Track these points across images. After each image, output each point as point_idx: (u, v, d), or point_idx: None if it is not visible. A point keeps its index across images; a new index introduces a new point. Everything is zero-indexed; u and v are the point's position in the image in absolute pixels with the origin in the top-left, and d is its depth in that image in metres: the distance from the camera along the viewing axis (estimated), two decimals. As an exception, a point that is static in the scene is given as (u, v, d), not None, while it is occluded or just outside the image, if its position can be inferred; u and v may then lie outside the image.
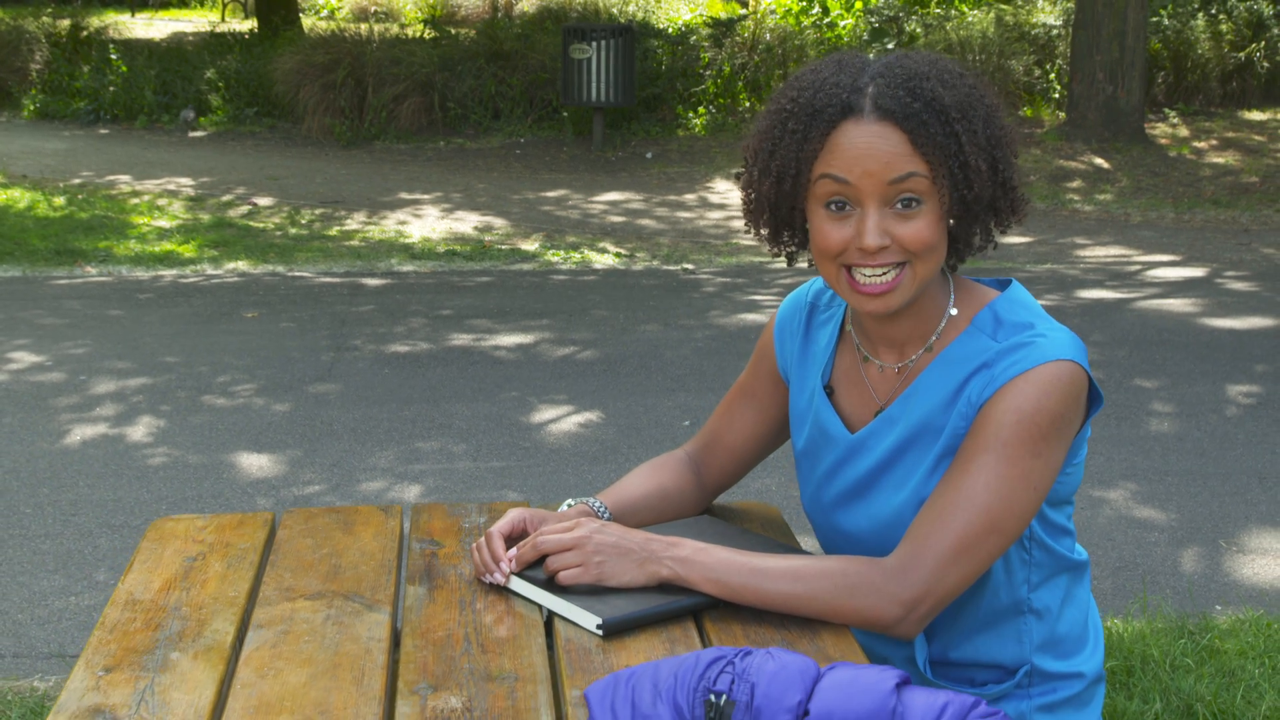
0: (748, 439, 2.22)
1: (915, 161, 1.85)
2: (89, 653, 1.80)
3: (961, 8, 16.05)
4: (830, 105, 1.87)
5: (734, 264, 9.05)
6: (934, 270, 1.91)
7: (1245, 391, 6.23)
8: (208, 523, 2.23)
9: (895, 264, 1.88)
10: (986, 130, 1.89)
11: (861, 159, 1.85)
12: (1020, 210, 1.96)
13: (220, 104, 14.48)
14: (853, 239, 1.87)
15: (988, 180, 1.89)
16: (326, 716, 1.65)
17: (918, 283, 1.90)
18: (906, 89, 1.86)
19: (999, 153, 1.90)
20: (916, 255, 1.88)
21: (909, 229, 1.86)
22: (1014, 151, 1.93)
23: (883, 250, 1.87)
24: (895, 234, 1.86)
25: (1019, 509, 1.86)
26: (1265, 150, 12.79)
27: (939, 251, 1.90)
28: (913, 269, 1.89)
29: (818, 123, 1.88)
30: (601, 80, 12.79)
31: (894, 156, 1.84)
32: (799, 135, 1.89)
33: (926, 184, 1.85)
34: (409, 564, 2.09)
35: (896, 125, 1.85)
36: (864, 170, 1.85)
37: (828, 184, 1.88)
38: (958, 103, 1.87)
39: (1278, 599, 4.28)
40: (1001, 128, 1.91)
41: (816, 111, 1.88)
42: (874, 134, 1.85)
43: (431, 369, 6.43)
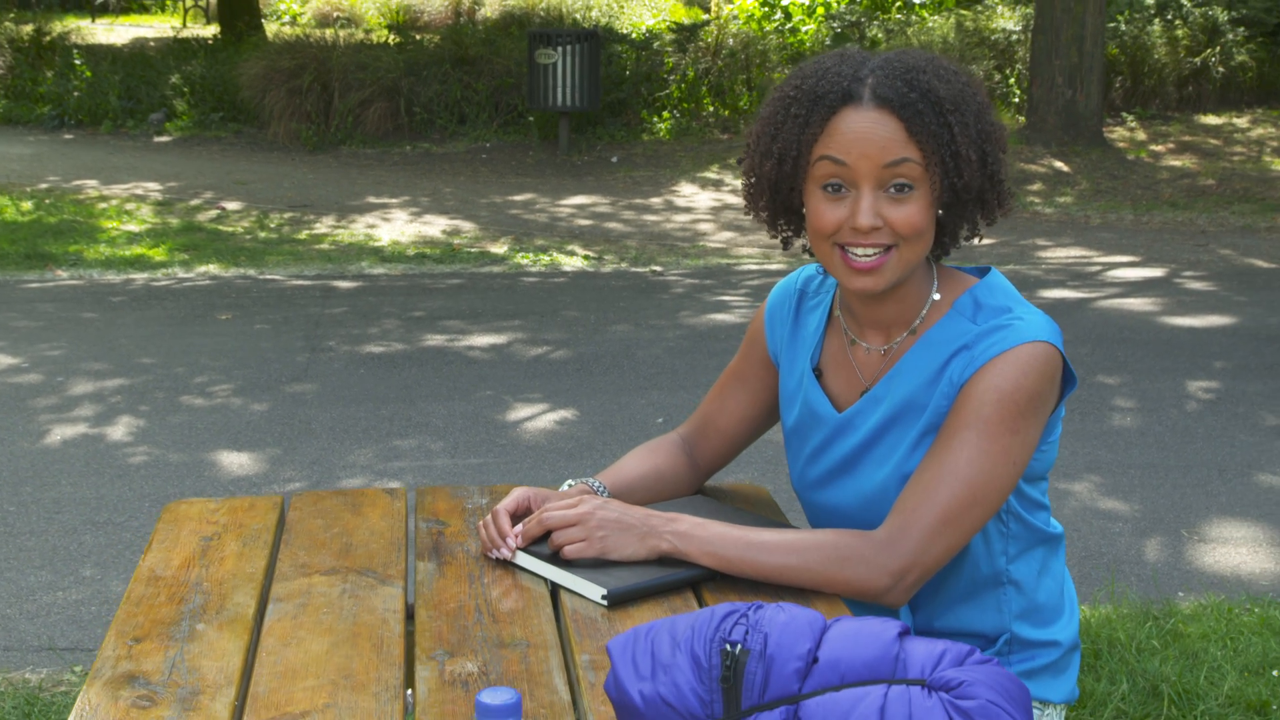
0: (739, 421, 2.32)
1: (909, 148, 1.95)
2: (118, 625, 1.88)
3: (922, 13, 16.23)
4: (832, 92, 1.97)
5: (702, 265, 9.15)
6: (920, 255, 2.02)
7: (1204, 387, 6.38)
8: (219, 505, 2.31)
9: (884, 246, 1.98)
10: (978, 124, 1.99)
11: (859, 142, 1.95)
12: (1006, 204, 2.06)
13: (186, 109, 14.50)
14: (847, 219, 1.97)
15: (977, 170, 1.99)
16: (351, 680, 1.74)
17: (904, 265, 2.00)
18: (904, 80, 1.96)
19: (988, 146, 2.01)
20: (905, 239, 1.98)
21: (900, 213, 1.96)
22: (1003, 148, 2.04)
23: (874, 231, 1.97)
24: (887, 217, 1.96)
25: (999, 482, 1.96)
26: (1221, 154, 13.00)
27: (926, 238, 2.00)
28: (899, 252, 1.99)
29: (819, 108, 1.98)
30: (567, 85, 12.89)
31: (890, 142, 1.95)
32: (801, 119, 1.99)
33: (919, 170, 1.95)
34: (417, 542, 2.18)
35: (893, 113, 1.95)
36: (861, 153, 1.95)
37: (826, 165, 1.98)
38: (951, 96, 1.97)
39: (1238, 585, 4.41)
40: (992, 124, 2.02)
41: (819, 97, 1.98)
42: (872, 120, 1.95)
43: (406, 369, 6.50)
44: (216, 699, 1.70)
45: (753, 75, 14.70)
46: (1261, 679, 3.72)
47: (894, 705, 1.32)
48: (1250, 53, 14.75)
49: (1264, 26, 15.01)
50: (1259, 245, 9.96)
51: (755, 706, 1.35)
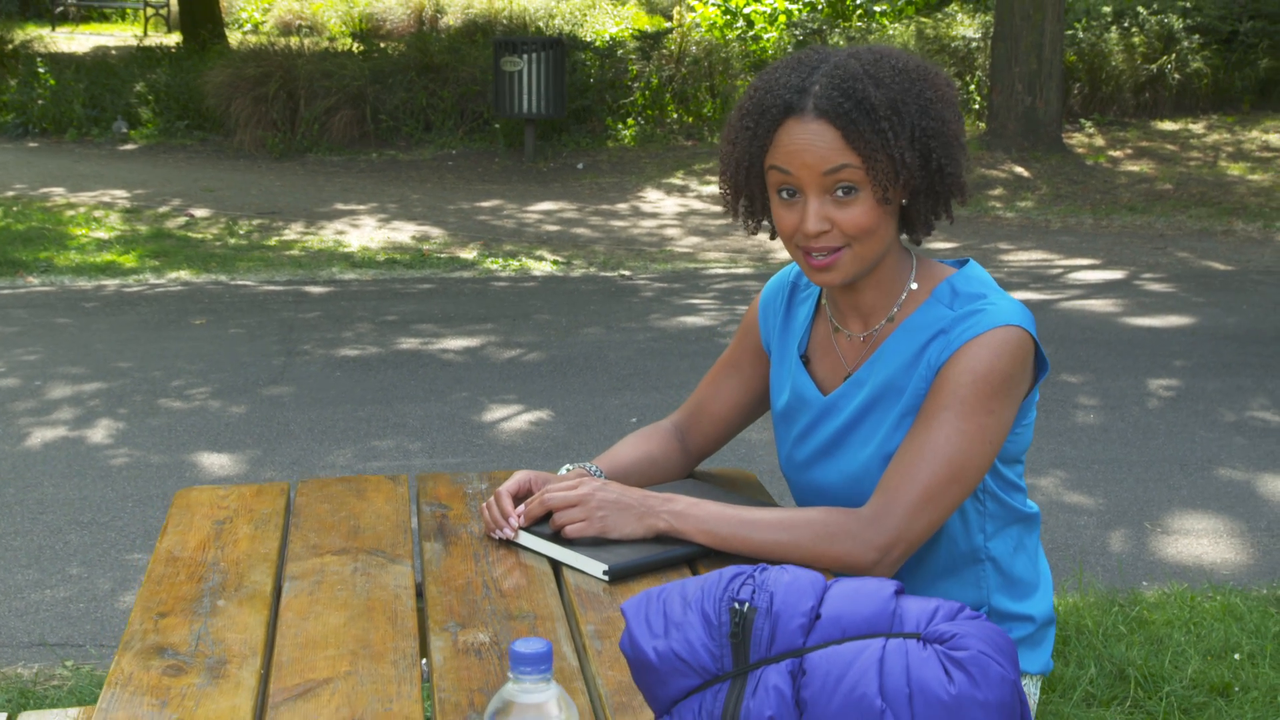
0: (732, 408, 2.43)
1: (848, 154, 2.05)
2: (142, 602, 1.97)
3: (883, 20, 16.40)
4: (775, 105, 2.08)
5: (670, 270, 9.26)
6: (879, 248, 2.11)
7: (1165, 385, 6.53)
8: (228, 492, 2.39)
9: (835, 247, 2.08)
10: (919, 123, 2.08)
11: (800, 153, 2.06)
12: (960, 192, 2.16)
13: (151, 117, 14.52)
14: (800, 223, 2.08)
15: (918, 169, 2.08)
16: (369, 650, 1.83)
17: (859, 261, 2.10)
18: (841, 90, 2.05)
19: (933, 143, 2.09)
20: (854, 239, 2.08)
21: (846, 215, 2.07)
22: (950, 140, 2.11)
23: (823, 235, 2.07)
24: (835, 219, 2.07)
25: (977, 460, 2.07)
26: (1177, 159, 13.20)
27: (880, 233, 2.10)
28: (852, 250, 2.09)
29: (765, 120, 2.09)
30: (533, 92, 12.99)
31: (828, 150, 2.05)
32: (750, 131, 2.11)
33: (860, 174, 2.05)
34: (422, 524, 2.27)
35: (830, 123, 2.05)
36: (802, 162, 2.05)
37: (776, 174, 2.09)
38: (888, 100, 2.06)
39: (1200, 574, 4.54)
40: (937, 119, 2.09)
41: (764, 110, 2.09)
42: (812, 131, 2.05)
43: (382, 371, 6.58)
44: (243, 667, 1.79)
45: (716, 83, 14.83)
46: (1224, 662, 3.85)
47: (892, 656, 1.42)
48: (1205, 60, 14.97)
49: (1218, 34, 15.24)
50: (1216, 248, 10.14)
51: (763, 660, 1.46)
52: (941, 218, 2.19)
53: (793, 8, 16.62)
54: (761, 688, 1.44)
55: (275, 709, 1.68)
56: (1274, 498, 5.19)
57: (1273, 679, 3.75)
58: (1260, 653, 3.89)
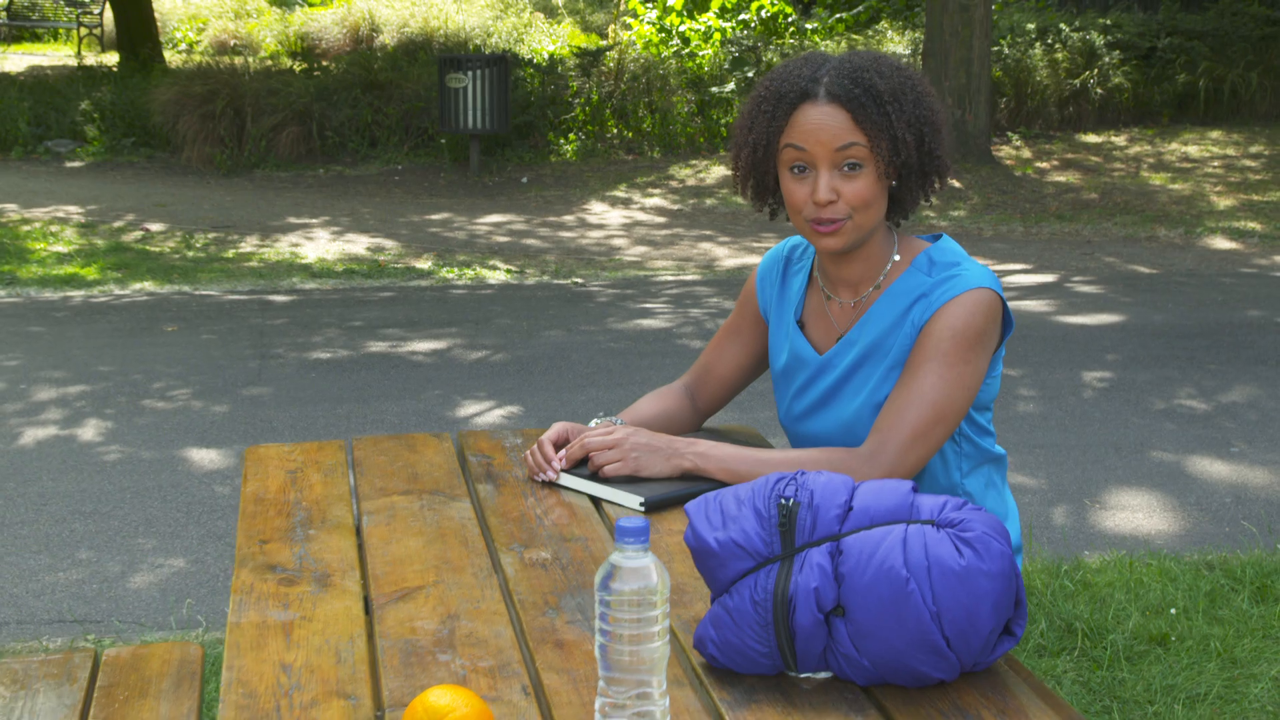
0: (735, 369, 2.75)
1: (856, 134, 2.39)
2: (244, 532, 2.26)
3: (814, 38, 16.83)
4: (792, 91, 2.41)
5: (621, 277, 9.58)
6: (873, 221, 2.45)
7: (1098, 377, 6.93)
8: (293, 448, 2.69)
9: (841, 217, 2.42)
10: (915, 111, 2.43)
11: (815, 131, 2.39)
12: (945, 173, 2.50)
13: (97, 135, 14.66)
14: (810, 195, 2.41)
15: (914, 149, 2.43)
16: (449, 565, 2.14)
17: (858, 229, 2.44)
18: (851, 79, 2.40)
19: (925, 129, 2.44)
20: (857, 209, 2.41)
21: (852, 188, 2.40)
22: (939, 128, 2.47)
23: (831, 205, 2.40)
24: (841, 191, 2.40)
25: (957, 403, 2.40)
26: (1102, 169, 13.70)
27: (876, 207, 2.44)
28: (854, 220, 2.42)
29: (782, 105, 2.42)
30: (477, 108, 13.29)
31: (840, 130, 2.38)
32: (769, 114, 2.43)
33: (865, 151, 2.39)
34: (471, 471, 2.58)
35: (841, 106, 2.39)
36: (816, 140, 2.39)
37: (790, 152, 2.42)
38: (890, 90, 2.41)
39: (1136, 543, 4.91)
40: (928, 109, 2.45)
41: (782, 96, 2.42)
42: (825, 113, 2.39)
43: (355, 373, 6.85)
44: (345, 578, 2.09)
45: (654, 99, 15.18)
46: (1161, 616, 4.22)
47: (913, 538, 1.74)
48: (1125, 75, 15.51)
49: (1138, 50, 15.80)
50: (1140, 253, 10.60)
51: (806, 544, 1.77)
52: (922, 199, 2.53)
53: (726, 25, 17.01)
54: (807, 566, 1.76)
55: (381, 609, 1.99)
56: (1201, 476, 5.58)
57: (1205, 630, 4.12)
58: (1193, 608, 4.26)
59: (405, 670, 1.81)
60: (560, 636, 1.91)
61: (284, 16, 22.23)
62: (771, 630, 1.75)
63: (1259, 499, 5.33)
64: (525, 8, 20.38)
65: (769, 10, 17.34)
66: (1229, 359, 7.25)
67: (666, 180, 13.60)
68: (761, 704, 1.73)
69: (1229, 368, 7.08)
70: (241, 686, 1.76)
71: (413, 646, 1.87)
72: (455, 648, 1.87)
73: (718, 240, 11.11)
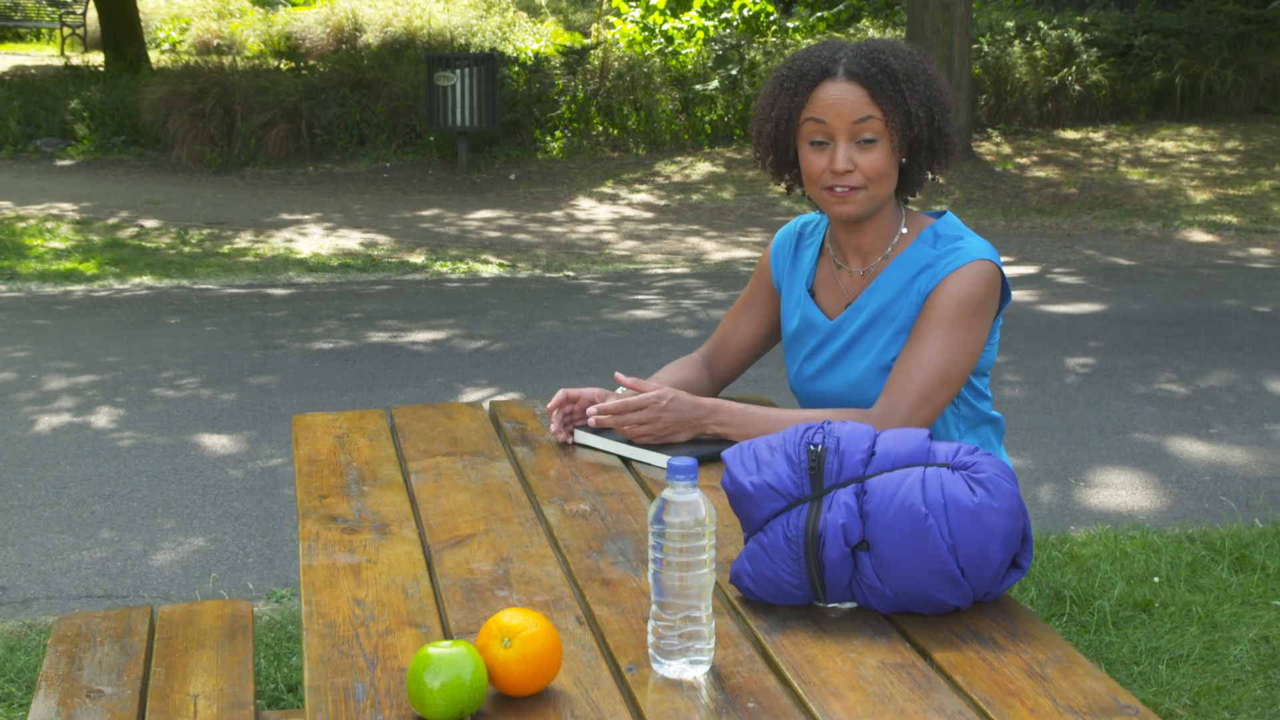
0: (750, 339, 2.93)
1: (872, 109, 2.58)
2: (303, 488, 2.43)
3: (796, 36, 17.04)
4: (814, 70, 2.61)
5: (612, 270, 9.76)
6: (885, 192, 2.64)
7: (1081, 363, 7.13)
8: (336, 416, 2.86)
9: (857, 186, 2.60)
10: (926, 91, 2.62)
11: (835, 106, 2.58)
12: (952, 151, 2.69)
13: (87, 133, 14.79)
14: (828, 165, 2.59)
15: (925, 125, 2.62)
16: (497, 515, 2.31)
17: (871, 199, 2.62)
18: (868, 58, 2.59)
19: (935, 108, 2.64)
20: (871, 180, 2.60)
21: (867, 159, 2.59)
22: (948, 109, 2.66)
23: (848, 174, 2.59)
24: (858, 162, 2.59)
25: (960, 368, 2.59)
26: (1081, 165, 13.92)
27: (889, 179, 2.63)
28: (868, 190, 2.61)
29: (805, 82, 2.61)
30: (466, 106, 13.46)
31: (858, 104, 2.57)
32: (791, 91, 2.62)
33: (881, 125, 2.58)
34: (507, 435, 2.75)
35: (859, 83, 2.58)
36: (836, 113, 2.58)
37: (811, 125, 2.60)
38: (904, 70, 2.60)
39: (1119, 518, 5.11)
40: (939, 90, 2.64)
41: (804, 74, 2.61)
42: (844, 89, 2.58)
43: (358, 362, 7.02)
44: (403, 527, 2.26)
45: (639, 96, 15.36)
46: (1145, 584, 4.42)
47: (930, 479, 1.92)
48: (1103, 72, 15.74)
49: (1115, 48, 16.03)
50: (1119, 245, 10.83)
51: (834, 485, 1.95)
52: (929, 177, 2.71)
53: (709, 24, 17.20)
54: (835, 505, 1.94)
55: (439, 553, 2.16)
56: (1182, 456, 5.78)
57: (1186, 597, 4.32)
58: (1176, 577, 4.46)
59: (467, 604, 1.98)
60: (606, 576, 2.08)
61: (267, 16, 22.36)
62: (803, 563, 1.93)
63: (1237, 476, 5.54)
64: (508, 7, 20.55)
65: (751, 9, 17.54)
66: (1207, 346, 7.47)
67: (653, 177, 13.79)
68: (794, 630, 1.91)
69: (1207, 354, 7.29)
70: (321, 618, 1.93)
71: (471, 584, 2.05)
72: (511, 585, 2.05)
73: (705, 235, 11.29)
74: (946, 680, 1.78)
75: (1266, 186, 12.86)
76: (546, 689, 1.74)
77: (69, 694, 2.52)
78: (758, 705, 1.71)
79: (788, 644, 1.87)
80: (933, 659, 1.83)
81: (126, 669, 2.62)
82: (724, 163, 14.28)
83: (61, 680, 2.57)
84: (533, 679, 1.71)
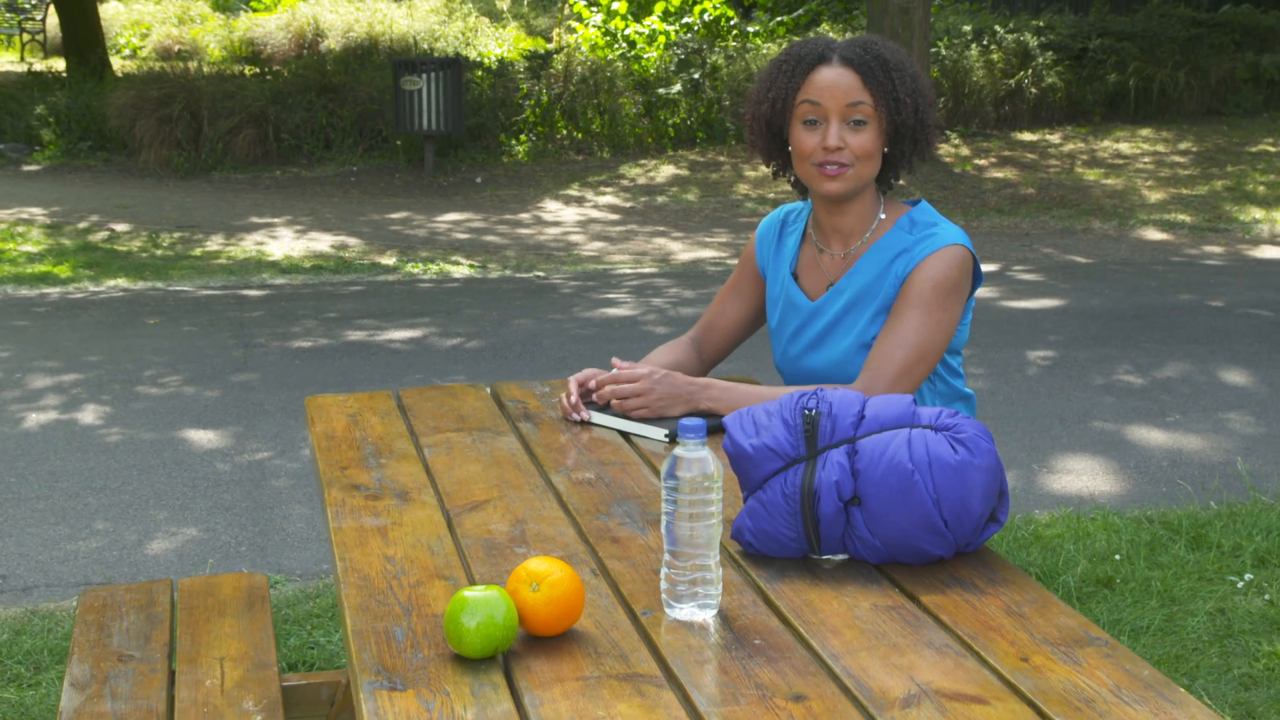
0: (736, 321, 3.11)
1: (864, 93, 2.76)
2: (324, 461, 2.59)
3: (756, 40, 17.25)
4: (810, 54, 2.80)
5: (581, 270, 9.93)
6: (871, 173, 2.82)
7: (1042, 356, 7.35)
8: (347, 398, 3.02)
9: (845, 164, 2.78)
10: (912, 83, 2.81)
11: (829, 89, 2.76)
12: (933, 143, 2.88)
13: (53, 138, 14.85)
14: (820, 142, 2.77)
15: (911, 113, 2.80)
16: (508, 483, 2.48)
17: (857, 178, 2.81)
18: (861, 47, 2.79)
19: (920, 99, 2.82)
20: (859, 159, 2.79)
21: (857, 139, 2.77)
22: (930, 103, 2.85)
23: (839, 151, 2.77)
24: (848, 141, 2.77)
25: (936, 345, 2.77)
26: (1038, 166, 14.18)
27: (875, 160, 2.81)
28: (855, 169, 2.80)
29: (801, 66, 2.80)
30: (432, 110, 13.61)
31: (850, 88, 2.76)
32: (788, 74, 2.81)
33: (870, 109, 2.76)
34: (510, 413, 2.92)
35: (852, 69, 2.77)
36: (830, 95, 2.76)
37: (805, 107, 2.79)
38: (895, 61, 2.80)
39: (1081, 502, 5.31)
40: (923, 85, 2.83)
41: (800, 59, 2.80)
42: (837, 74, 2.77)
43: (337, 359, 7.16)
44: (422, 494, 2.42)
45: (602, 100, 15.52)
46: (1107, 562, 4.62)
47: (916, 439, 2.10)
48: (1059, 75, 16.02)
49: (1070, 51, 16.32)
50: (1077, 244, 11.07)
51: (828, 446, 2.13)
52: (910, 166, 2.90)
53: (671, 29, 17.39)
54: (828, 464, 2.11)
55: (458, 516, 2.32)
56: (1140, 443, 6.00)
57: (1146, 573, 4.52)
58: (1135, 555, 4.67)
59: (489, 559, 2.15)
60: (615, 534, 2.25)
61: (228, 22, 22.45)
62: (800, 518, 2.11)
63: (1193, 462, 5.75)
64: (470, 12, 20.68)
65: (711, 14, 17.75)
66: (1162, 338, 7.70)
67: (618, 179, 13.96)
68: (793, 578, 2.08)
69: (1163, 346, 7.52)
70: (355, 573, 2.09)
71: (491, 543, 2.21)
72: (528, 543, 2.21)
73: (671, 236, 11.47)
74: (933, 619, 1.95)
75: (1219, 186, 13.15)
76: (570, 630, 1.90)
77: (101, 658, 2.67)
78: (764, 642, 1.88)
79: (787, 590, 2.04)
80: (920, 601, 2.01)
81: (153, 635, 2.77)
82: (688, 165, 14.47)
83: (93, 646, 2.71)
84: (559, 620, 1.88)
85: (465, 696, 1.73)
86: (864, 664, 1.82)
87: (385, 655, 1.83)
